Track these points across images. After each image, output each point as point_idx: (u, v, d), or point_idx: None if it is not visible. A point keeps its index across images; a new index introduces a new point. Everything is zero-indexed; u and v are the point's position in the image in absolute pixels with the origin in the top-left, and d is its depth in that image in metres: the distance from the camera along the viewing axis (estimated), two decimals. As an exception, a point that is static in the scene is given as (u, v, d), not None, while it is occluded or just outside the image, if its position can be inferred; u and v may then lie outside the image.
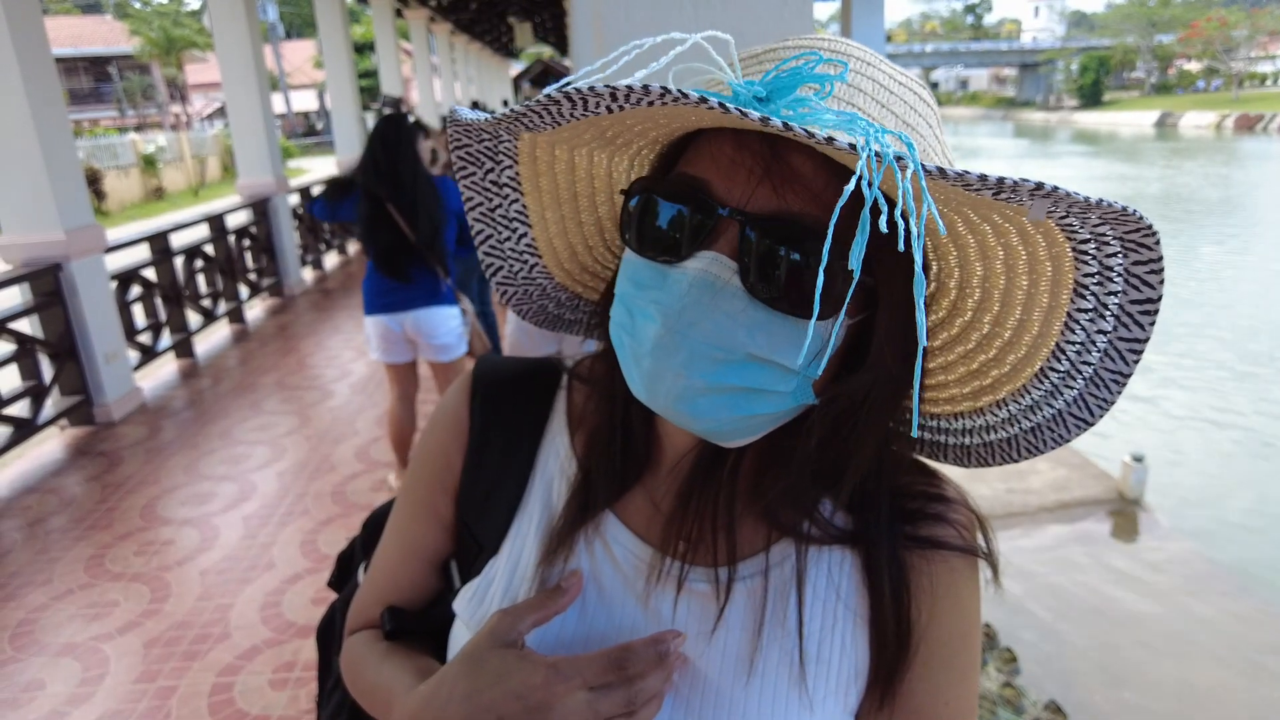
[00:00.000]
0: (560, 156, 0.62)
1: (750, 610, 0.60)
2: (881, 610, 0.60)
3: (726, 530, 0.60)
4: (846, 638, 0.60)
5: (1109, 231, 0.44)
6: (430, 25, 17.88)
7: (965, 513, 0.63)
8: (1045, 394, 0.55)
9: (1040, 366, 0.54)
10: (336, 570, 0.95)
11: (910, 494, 0.63)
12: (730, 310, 0.49)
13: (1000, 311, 0.54)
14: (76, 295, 4.78)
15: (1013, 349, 0.55)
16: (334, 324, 7.20)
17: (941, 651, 0.61)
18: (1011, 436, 0.59)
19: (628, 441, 0.63)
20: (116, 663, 2.73)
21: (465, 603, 0.65)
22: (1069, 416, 0.55)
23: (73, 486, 4.11)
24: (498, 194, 0.61)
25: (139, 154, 21.56)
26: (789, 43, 0.54)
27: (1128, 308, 0.48)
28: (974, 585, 0.63)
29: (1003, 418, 0.59)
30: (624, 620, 0.62)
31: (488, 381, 0.71)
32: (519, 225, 0.64)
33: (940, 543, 0.61)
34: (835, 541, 0.61)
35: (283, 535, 3.52)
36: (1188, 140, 40.77)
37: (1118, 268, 0.47)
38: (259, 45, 7.82)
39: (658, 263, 0.52)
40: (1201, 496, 6.74)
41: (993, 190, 0.39)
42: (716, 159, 0.50)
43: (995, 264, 0.52)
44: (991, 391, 0.58)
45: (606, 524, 0.63)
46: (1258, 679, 4.56)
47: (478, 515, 0.68)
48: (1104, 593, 5.40)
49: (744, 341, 0.49)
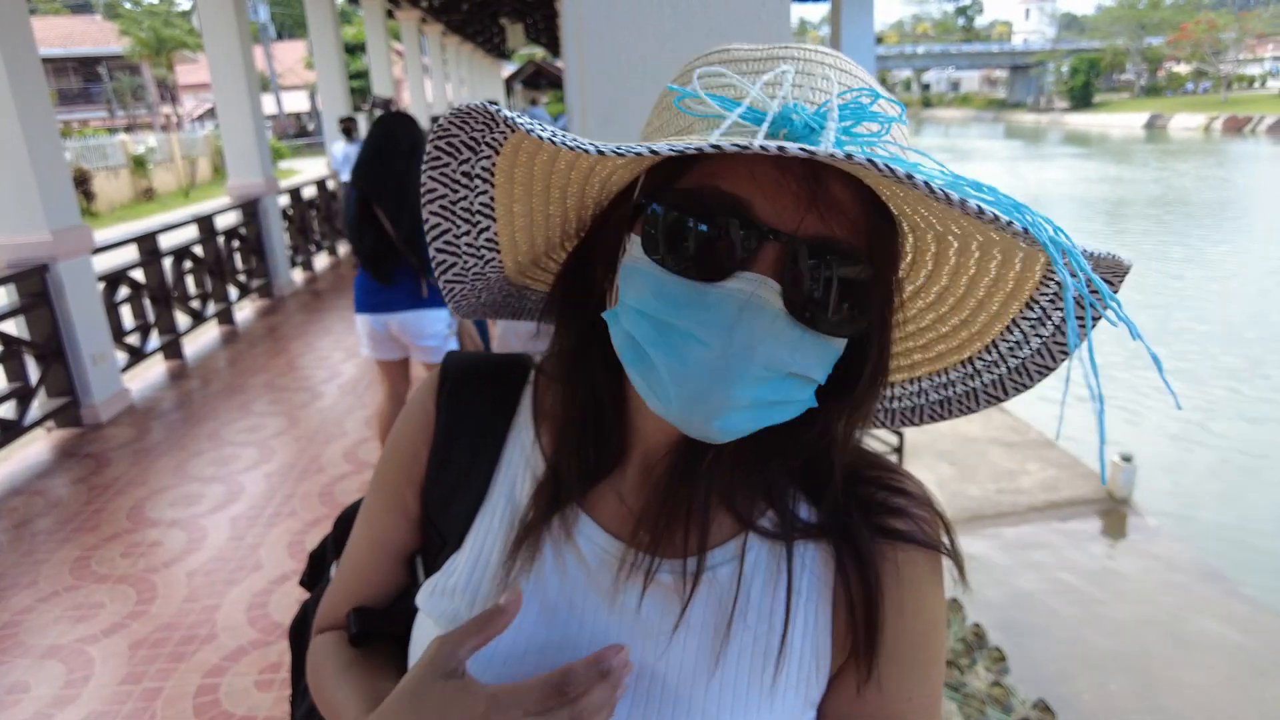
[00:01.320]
0: (548, 146, 0.61)
1: (717, 602, 0.60)
2: (849, 600, 0.60)
3: (700, 523, 0.60)
4: (811, 629, 0.61)
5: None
6: (422, 26, 17.86)
7: (928, 509, 0.64)
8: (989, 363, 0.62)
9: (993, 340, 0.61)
10: (309, 569, 0.95)
11: (874, 485, 0.64)
12: (775, 331, 0.50)
13: (965, 293, 0.59)
14: (63, 296, 4.76)
15: (984, 307, 0.59)
16: (324, 325, 7.18)
17: (905, 647, 0.61)
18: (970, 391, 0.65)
19: (599, 437, 0.63)
20: (102, 665, 2.71)
21: (427, 596, 0.65)
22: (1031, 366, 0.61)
23: (59, 488, 4.09)
24: (466, 186, 0.60)
25: (129, 155, 21.45)
26: (776, 49, 0.54)
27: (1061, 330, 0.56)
28: (937, 582, 0.63)
29: (964, 374, 0.64)
30: (587, 616, 0.61)
31: (456, 377, 0.71)
32: (481, 219, 0.63)
33: (905, 536, 0.62)
34: (803, 532, 0.62)
35: (270, 536, 3.51)
36: (1178, 142, 41.06)
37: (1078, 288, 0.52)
38: (249, 46, 7.80)
39: (693, 280, 0.50)
40: (1189, 496, 6.78)
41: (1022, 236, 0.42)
42: (758, 179, 0.50)
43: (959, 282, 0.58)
44: (958, 352, 0.63)
45: (573, 519, 0.63)
46: (1244, 676, 4.60)
47: (442, 509, 0.68)
48: (1092, 592, 5.43)
49: (787, 361, 0.50)
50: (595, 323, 0.59)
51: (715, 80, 0.51)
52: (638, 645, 0.60)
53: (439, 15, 17.08)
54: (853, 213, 0.50)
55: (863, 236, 0.51)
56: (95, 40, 37.98)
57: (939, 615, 0.64)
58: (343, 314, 7.59)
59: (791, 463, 0.62)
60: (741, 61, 0.54)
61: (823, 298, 0.50)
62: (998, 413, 7.74)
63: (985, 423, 7.60)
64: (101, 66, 37.96)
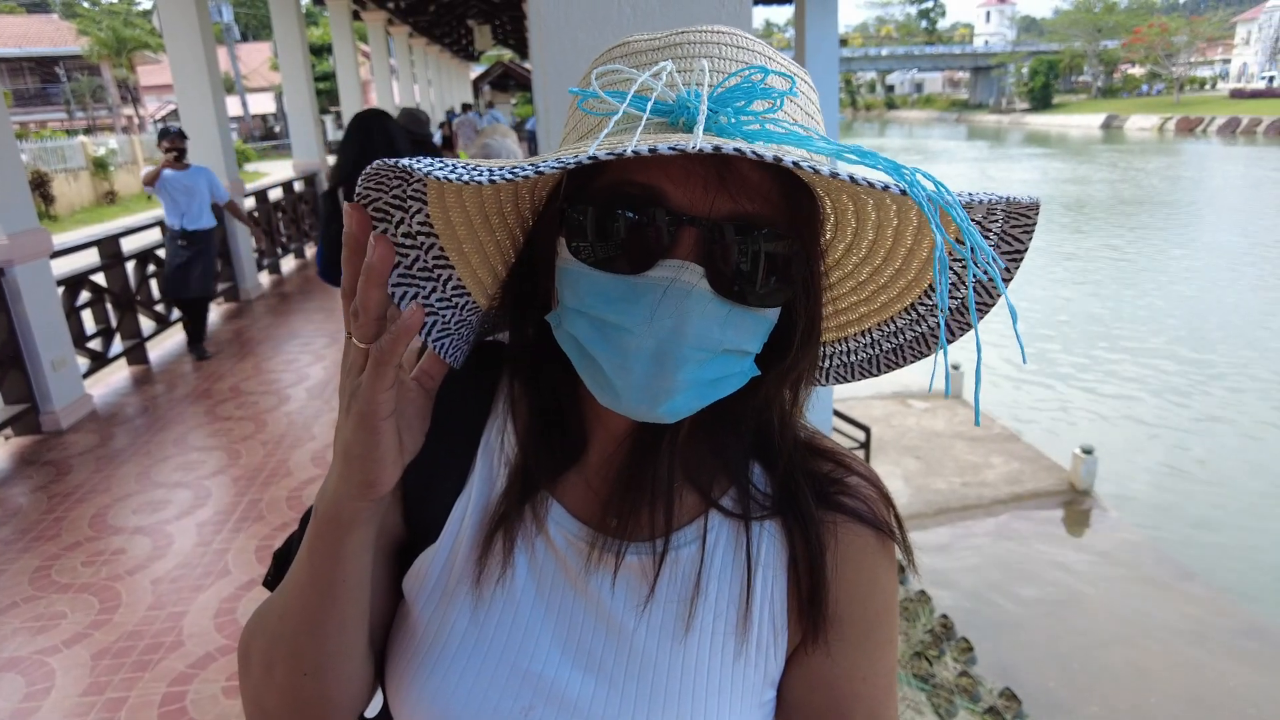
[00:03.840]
0: (455, 184, 0.62)
1: (682, 580, 0.62)
2: (801, 573, 0.62)
3: (664, 504, 0.61)
4: (769, 602, 0.63)
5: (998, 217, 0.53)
6: (389, 28, 17.67)
7: (875, 490, 0.66)
8: (917, 317, 0.63)
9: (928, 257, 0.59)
10: (273, 568, 0.92)
11: (824, 461, 0.66)
12: (704, 312, 0.51)
13: (893, 244, 0.59)
14: (20, 301, 4.65)
15: (915, 254, 0.59)
16: (290, 329, 7.10)
17: (859, 627, 0.63)
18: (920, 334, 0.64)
19: (560, 427, 0.64)
20: (63, 676, 2.66)
21: (407, 585, 0.66)
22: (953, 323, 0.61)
23: (17, 497, 4.00)
24: (413, 246, 0.58)
25: (89, 157, 20.94)
26: (674, 36, 0.55)
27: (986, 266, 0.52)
28: (888, 562, 0.65)
29: (908, 321, 0.64)
30: (555, 601, 0.63)
31: None
32: (441, 270, 0.61)
33: (850, 511, 0.64)
34: (763, 510, 0.64)
35: (238, 541, 3.46)
36: (1135, 142, 42.05)
37: (995, 229, 0.55)
38: (212, 47, 7.67)
39: (619, 274, 0.52)
40: (1148, 486, 6.95)
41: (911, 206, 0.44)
42: (666, 169, 0.51)
43: (888, 212, 0.57)
44: (900, 300, 0.62)
45: (544, 507, 0.64)
46: (1203, 660, 4.73)
47: (420, 503, 0.68)
48: (1057, 581, 5.55)
49: (719, 338, 0.52)
50: (544, 323, 0.60)
51: (613, 77, 0.52)
52: (607, 628, 0.62)
53: (406, 17, 16.93)
54: (764, 187, 0.52)
55: (778, 209, 0.52)
56: (52, 40, 37.06)
57: (891, 595, 0.65)
58: (309, 317, 7.50)
59: (745, 434, 0.63)
60: (640, 53, 0.56)
61: (746, 273, 0.52)
62: (962, 407, 7.88)
63: (950, 418, 7.73)
64: (59, 67, 37.03)
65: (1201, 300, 12.20)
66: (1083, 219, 19.54)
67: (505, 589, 0.63)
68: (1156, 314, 11.70)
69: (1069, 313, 11.78)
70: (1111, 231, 17.79)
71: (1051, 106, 63.49)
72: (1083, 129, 52.22)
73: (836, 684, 0.63)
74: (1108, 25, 63.76)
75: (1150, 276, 13.79)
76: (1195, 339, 10.39)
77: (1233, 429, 7.94)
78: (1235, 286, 12.84)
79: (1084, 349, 10.18)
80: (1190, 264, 14.60)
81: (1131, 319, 11.48)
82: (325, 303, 8.14)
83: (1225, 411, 8.31)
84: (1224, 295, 12.41)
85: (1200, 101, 54.94)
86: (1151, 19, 62.21)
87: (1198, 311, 11.62)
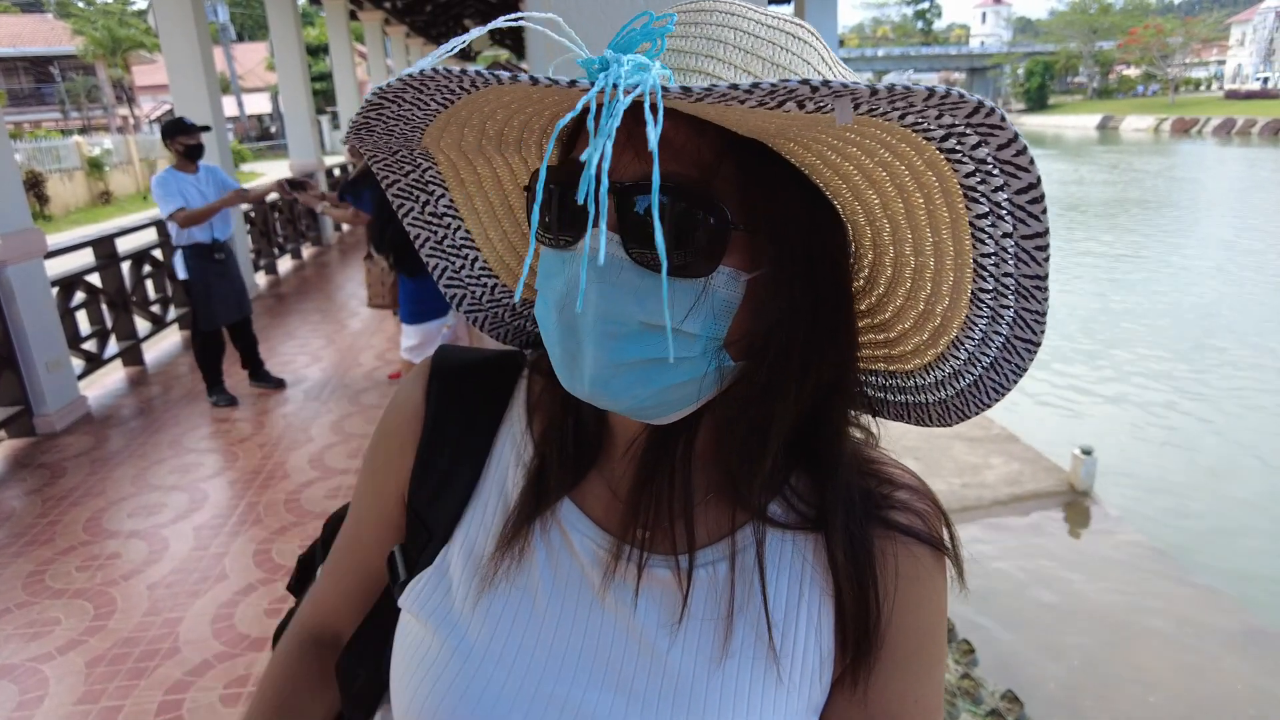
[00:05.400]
0: (484, 174, 0.61)
1: (717, 598, 0.58)
2: (848, 593, 0.58)
3: (684, 515, 0.57)
4: (814, 626, 0.58)
5: (957, 123, 0.44)
6: (385, 28, 17.63)
7: (929, 504, 0.62)
8: (989, 320, 0.54)
9: (971, 291, 0.53)
10: (296, 573, 0.91)
11: (874, 477, 0.61)
12: (618, 282, 0.49)
13: (915, 238, 0.53)
14: (14, 302, 4.61)
15: (943, 277, 0.54)
16: (287, 329, 7.05)
17: (908, 647, 0.59)
18: (977, 379, 0.58)
19: (580, 428, 0.61)
20: (57, 684, 2.62)
21: (415, 596, 0.62)
22: (1017, 341, 0.54)
23: (11, 500, 3.95)
24: (439, 224, 0.61)
25: (84, 157, 20.87)
26: (685, 7, 0.53)
27: (1015, 200, 0.46)
28: (940, 579, 0.61)
29: (963, 359, 0.57)
30: (580, 614, 0.59)
31: (446, 368, 0.69)
32: (468, 250, 0.64)
33: (907, 529, 0.60)
34: (803, 523, 0.59)
35: (235, 545, 3.42)
36: (1130, 143, 42.15)
37: (987, 158, 0.45)
38: (208, 46, 7.63)
39: (557, 249, 0.52)
40: (1149, 486, 6.95)
41: (778, 99, 0.38)
42: (589, 139, 0.50)
43: (886, 186, 0.51)
44: (945, 330, 0.57)
45: (564, 511, 0.61)
46: (1205, 660, 4.71)
47: (429, 502, 0.65)
48: (1058, 583, 5.53)
49: (633, 311, 0.49)
50: None
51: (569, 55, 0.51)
52: (635, 644, 0.58)
53: (403, 17, 16.87)
54: (686, 145, 0.48)
55: (704, 169, 0.49)
56: (47, 40, 36.92)
57: (941, 612, 0.61)
58: (307, 317, 7.46)
59: (776, 441, 0.57)
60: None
61: (654, 237, 0.46)
62: (963, 409, 7.86)
63: (951, 419, 7.71)
64: (54, 66, 36.91)
65: (1205, 300, 12.22)
66: (1084, 219, 19.57)
67: (526, 602, 0.59)
68: (1158, 314, 11.71)
69: (1069, 313, 11.79)
70: (1113, 232, 17.81)
71: (1047, 107, 63.73)
72: (1079, 130, 52.35)
73: (886, 707, 0.59)
74: (1103, 26, 64.07)
75: (1152, 277, 13.81)
76: (1197, 339, 10.40)
77: (1234, 430, 7.94)
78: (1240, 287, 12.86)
79: (1084, 349, 10.19)
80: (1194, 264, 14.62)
81: (1131, 319, 11.49)
82: (322, 304, 8.11)
83: (1227, 413, 8.31)
84: (1229, 295, 12.42)
85: (1195, 102, 55.14)
86: (1147, 20, 62.49)
87: (1200, 312, 11.64)
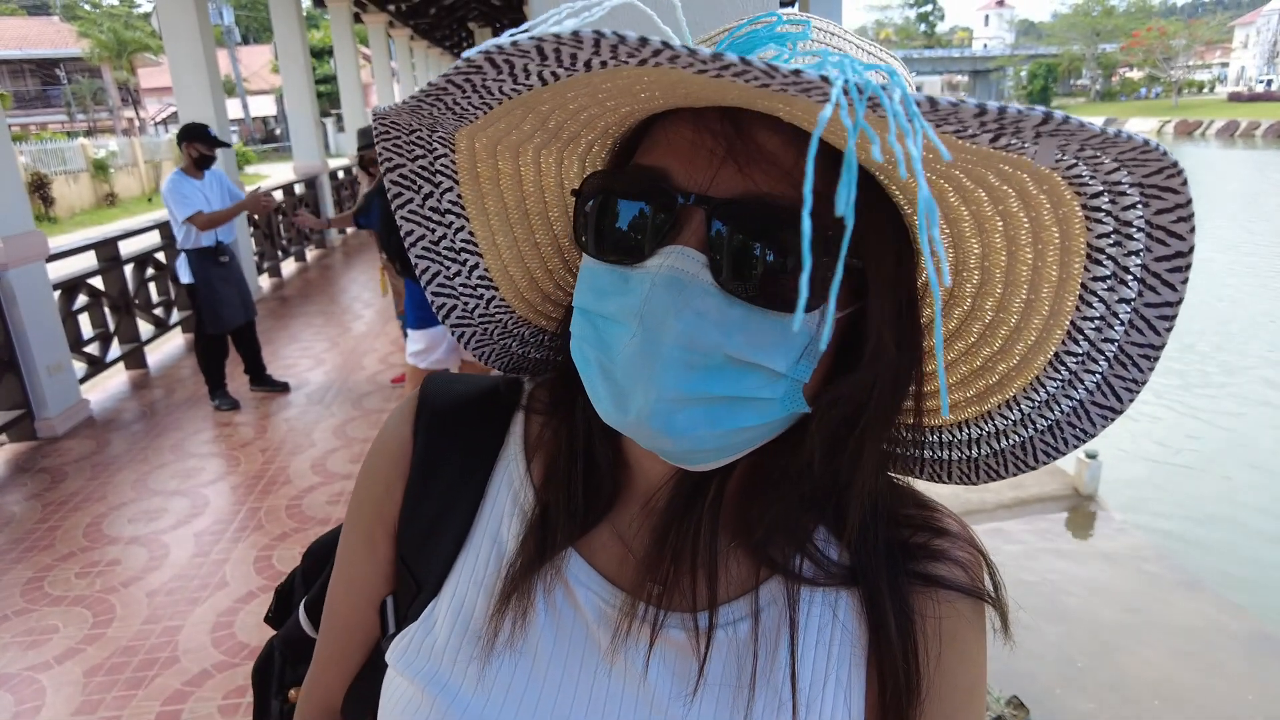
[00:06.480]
0: (505, 170, 0.56)
1: (737, 661, 0.52)
2: (886, 656, 0.53)
3: (708, 570, 0.52)
4: (843, 688, 0.53)
5: (1125, 179, 0.38)
6: (390, 30, 17.65)
7: (970, 550, 0.57)
8: (1062, 384, 0.48)
9: (1055, 352, 0.47)
10: (275, 605, 0.86)
11: (909, 525, 0.56)
12: (701, 309, 0.43)
13: (1004, 294, 0.48)
14: (15, 305, 4.59)
15: (1020, 336, 0.49)
16: (290, 333, 7.04)
17: (948, 706, 0.54)
18: (1025, 440, 0.52)
19: (591, 472, 0.55)
20: (54, 694, 2.59)
21: (402, 652, 0.57)
22: (1092, 407, 0.48)
23: (11, 505, 3.93)
24: (440, 222, 0.55)
25: (89, 159, 20.92)
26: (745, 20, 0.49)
27: (1153, 266, 0.42)
28: (981, 632, 0.56)
29: (1014, 420, 0.52)
30: (584, 679, 0.53)
31: (435, 402, 0.62)
32: (468, 255, 0.57)
33: (946, 582, 0.55)
34: (832, 579, 0.54)
35: (236, 552, 3.40)
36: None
37: (1137, 221, 0.40)
38: (212, 49, 7.64)
39: (619, 266, 0.46)
40: (1154, 491, 6.91)
41: (992, 132, 0.34)
42: (674, 144, 0.45)
43: (994, 238, 0.45)
44: (999, 390, 0.52)
45: (570, 565, 0.55)
46: (1210, 666, 4.68)
47: (418, 551, 0.60)
48: (1062, 587, 5.50)
49: (719, 342, 0.43)
50: None
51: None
52: (645, 711, 0.52)
53: (407, 19, 16.90)
54: (786, 162, 0.43)
55: (801, 188, 0.44)
56: (53, 42, 37.07)
57: (981, 667, 0.57)
58: (310, 320, 7.45)
59: (811, 496, 0.52)
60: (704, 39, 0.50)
61: (753, 263, 0.42)
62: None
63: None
64: (60, 69, 37.06)
65: (1210, 303, 12.16)
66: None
67: (525, 663, 0.54)
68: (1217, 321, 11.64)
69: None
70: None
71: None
72: (1083, 132, 52.28)
73: None
74: (1106, 29, 64.03)
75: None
76: (1201, 342, 10.35)
77: (1238, 433, 7.89)
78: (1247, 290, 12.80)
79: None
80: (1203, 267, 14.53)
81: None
82: (325, 306, 8.09)
83: (1231, 415, 8.27)
84: (1235, 298, 12.36)
85: (1199, 105, 55.03)
86: (1150, 22, 62.45)
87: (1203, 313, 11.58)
